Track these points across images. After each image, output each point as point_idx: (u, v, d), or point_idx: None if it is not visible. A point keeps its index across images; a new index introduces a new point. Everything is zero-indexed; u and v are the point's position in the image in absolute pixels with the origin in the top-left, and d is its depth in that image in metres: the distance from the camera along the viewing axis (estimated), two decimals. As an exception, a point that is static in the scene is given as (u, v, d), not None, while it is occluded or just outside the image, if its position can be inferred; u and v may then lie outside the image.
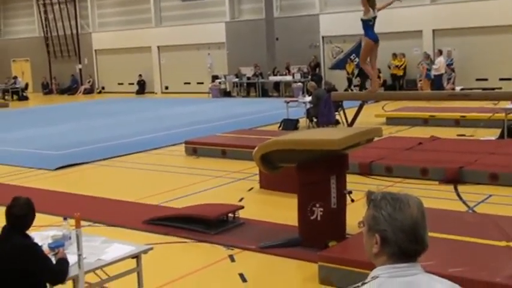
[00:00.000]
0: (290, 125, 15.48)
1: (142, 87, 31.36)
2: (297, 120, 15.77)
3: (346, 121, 14.25)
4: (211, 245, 6.89)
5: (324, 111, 14.51)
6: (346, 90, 23.61)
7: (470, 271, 4.97)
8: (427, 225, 1.99)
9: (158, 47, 31.32)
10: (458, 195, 8.57)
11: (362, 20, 10.18)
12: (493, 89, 18.74)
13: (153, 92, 31.33)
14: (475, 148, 10.88)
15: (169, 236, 7.22)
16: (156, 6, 31.12)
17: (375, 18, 10.15)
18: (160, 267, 6.14)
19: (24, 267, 3.99)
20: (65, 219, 4.80)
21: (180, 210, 8.05)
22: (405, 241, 1.94)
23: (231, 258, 6.48)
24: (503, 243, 5.62)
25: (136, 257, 4.74)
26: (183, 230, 7.30)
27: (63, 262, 4.19)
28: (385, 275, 1.96)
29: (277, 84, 26.63)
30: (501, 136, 12.54)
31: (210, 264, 6.35)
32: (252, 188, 9.53)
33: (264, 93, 26.69)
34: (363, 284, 1.96)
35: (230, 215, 7.60)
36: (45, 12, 35.08)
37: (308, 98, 16.35)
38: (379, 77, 24.29)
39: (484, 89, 19.74)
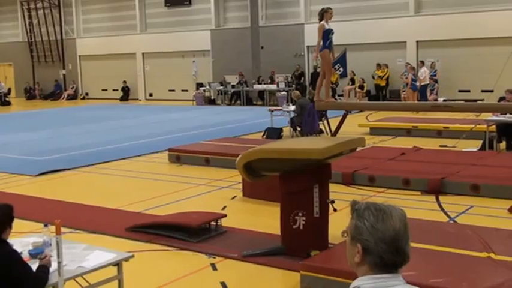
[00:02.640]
0: (274, 133, 15.50)
1: (126, 94, 31.27)
2: (281, 129, 15.80)
3: (330, 130, 14.30)
4: (193, 253, 6.86)
5: (307, 120, 14.56)
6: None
7: (450, 282, 4.99)
8: (409, 237, 2.00)
9: (143, 53, 31.27)
10: (440, 205, 8.62)
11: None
12: (475, 100, 18.90)
13: (137, 99, 31.25)
14: (457, 159, 10.96)
15: (152, 244, 7.18)
16: (141, 12, 31.09)
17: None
18: (141, 275, 6.10)
19: (3, 274, 3.95)
20: (45, 225, 4.75)
21: (162, 217, 8.01)
22: (386, 252, 1.95)
23: (213, 266, 6.46)
24: (484, 254, 5.66)
25: (118, 264, 4.70)
26: (165, 238, 7.27)
27: (44, 269, 4.14)
28: (367, 285, 1.97)
29: (261, 93, 26.69)
30: (483, 147, 12.66)
31: (192, 272, 6.32)
32: (235, 197, 9.52)
33: (249, 102, 26.73)
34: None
35: (213, 223, 7.57)
36: (30, 17, 34.92)
37: (292, 107, 16.39)
38: (362, 87, 24.51)
39: (466, 100, 19.90)
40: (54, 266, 4.19)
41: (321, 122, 15.26)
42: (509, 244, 6.13)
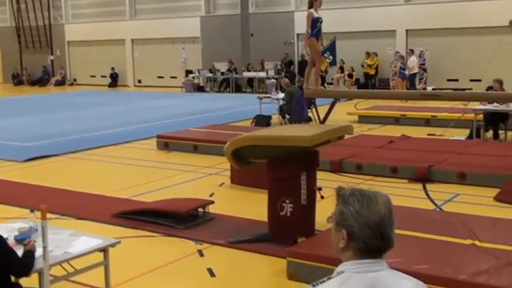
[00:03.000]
0: (263, 121, 15.49)
1: (114, 80, 31.11)
2: (270, 117, 15.80)
3: (319, 118, 14.31)
4: (180, 240, 6.87)
5: (296, 108, 14.56)
6: (319, 87, 23.67)
7: (435, 268, 5.04)
8: (394, 223, 2.02)
9: (132, 40, 31.10)
10: (427, 193, 8.67)
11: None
12: (464, 89, 18.97)
13: (126, 85, 31.11)
14: (444, 148, 11.02)
15: (138, 230, 7.18)
16: (130, -2, 30.89)
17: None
18: (128, 261, 6.10)
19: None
20: (31, 211, 4.74)
21: (149, 204, 8.01)
22: (371, 237, 1.97)
23: (200, 253, 6.47)
24: (468, 242, 5.71)
25: (104, 250, 4.70)
26: (152, 224, 7.27)
27: (30, 255, 4.13)
28: (351, 270, 1.98)
29: (251, 80, 26.65)
30: (470, 136, 12.73)
31: (179, 258, 6.33)
32: (223, 183, 9.53)
33: (238, 89, 26.68)
34: (329, 278, 1.99)
35: (200, 209, 7.58)
36: (18, 1, 34.58)
37: (281, 95, 16.38)
38: (351, 75, 24.53)
39: (454, 89, 20.00)
40: (39, 251, 4.18)
41: (309, 110, 15.27)
42: (494, 231, 6.18)
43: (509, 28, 15.88)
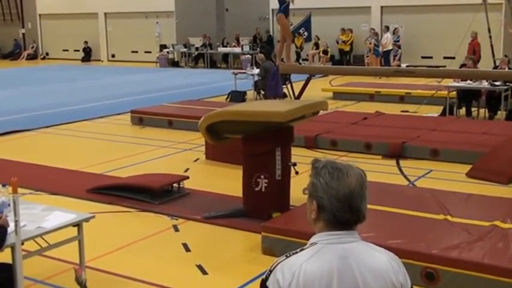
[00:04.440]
0: (238, 96, 15.45)
1: (88, 55, 30.67)
2: (245, 92, 15.75)
3: (293, 94, 14.31)
4: (155, 215, 6.86)
5: (271, 83, 14.48)
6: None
7: (408, 243, 5.11)
8: (366, 196, 2.03)
9: (105, 13, 30.61)
10: (400, 169, 8.76)
11: None
12: (438, 66, 19.08)
13: (99, 60, 30.69)
14: (417, 124, 11.10)
15: (113, 205, 7.15)
16: (103, -29, 30.35)
17: None
18: (102, 236, 6.08)
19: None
20: (3, 185, 4.68)
21: (124, 179, 7.97)
22: (340, 210, 1.98)
23: (175, 228, 6.48)
24: (441, 217, 5.79)
25: (78, 225, 4.67)
26: (126, 200, 7.24)
27: (0, 229, 4.09)
28: (323, 241, 2.00)
29: (226, 56, 26.49)
30: (443, 113, 12.85)
31: (154, 234, 6.32)
32: (197, 159, 9.51)
33: (213, 65, 26.52)
34: (302, 249, 2.00)
35: (175, 185, 7.57)
36: (-13, -27, 33.77)
37: (256, 70, 16.33)
38: (326, 52, 24.53)
39: (428, 66, 20.10)
40: (12, 226, 4.13)
41: (284, 86, 15.24)
42: (466, 207, 6.28)
43: (483, 6, 15.92)
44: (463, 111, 12.99)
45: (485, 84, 12.53)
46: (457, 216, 5.79)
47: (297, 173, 6.66)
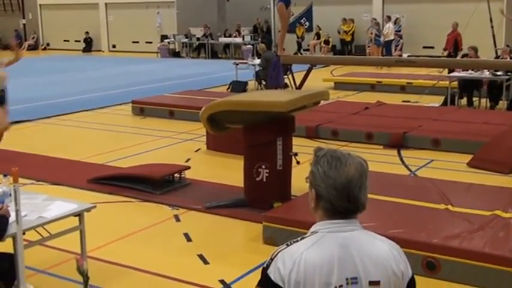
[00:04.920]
0: (239, 87, 15.42)
1: (89, 45, 30.62)
2: (246, 83, 15.73)
3: (295, 84, 14.27)
4: (156, 205, 6.87)
5: (272, 74, 14.41)
6: (295, 53, 23.60)
7: (409, 232, 5.11)
8: (366, 186, 2.02)
9: (106, 3, 30.53)
10: (402, 159, 8.76)
11: None
12: (439, 57, 19.02)
13: (100, 50, 30.64)
14: (419, 114, 11.09)
15: (114, 195, 7.16)
16: (104, -39, 30.25)
17: None
18: (104, 226, 6.09)
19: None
20: (5, 176, 4.67)
21: (125, 169, 7.97)
22: (337, 199, 1.98)
23: (176, 218, 6.48)
24: (442, 206, 5.80)
25: (79, 215, 4.68)
26: (128, 190, 7.25)
27: (2, 219, 4.09)
28: (324, 230, 2.00)
29: (227, 46, 26.43)
30: (444, 103, 12.84)
31: (155, 223, 6.33)
32: (199, 149, 9.51)
33: (214, 55, 26.47)
34: (302, 238, 2.01)
35: (176, 175, 7.57)
36: (-13, -37, 33.67)
37: (257, 61, 16.29)
38: (328, 42, 24.46)
39: (430, 56, 20.04)
40: (13, 216, 4.13)
41: (286, 76, 15.21)
42: (466, 196, 6.28)
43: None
44: (464, 101, 12.97)
45: (486, 74, 12.49)
46: (458, 205, 5.79)
47: (298, 162, 6.67)
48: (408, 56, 18.90)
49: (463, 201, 5.98)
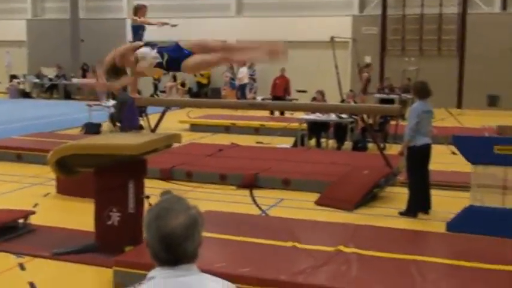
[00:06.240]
0: (92, 129, 15.11)
1: None
2: (100, 124, 15.45)
3: (150, 126, 14.26)
4: (-1, 253, 6.50)
5: (127, 115, 14.37)
6: (152, 95, 23.56)
7: (258, 270, 5.24)
8: (194, 237, 2.02)
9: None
10: (254, 199, 8.98)
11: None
12: (290, 100, 19.86)
13: None
14: (270, 155, 11.48)
15: (-48, 245, 6.69)
16: None
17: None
18: None
19: None
20: None
21: (-35, 217, 7.48)
22: (158, 249, 2.01)
23: (21, 266, 6.17)
24: (289, 244, 6.01)
25: None
26: (-33, 239, 6.80)
27: None
28: (161, 276, 2.02)
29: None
30: (295, 144, 13.39)
31: (-3, 273, 5.99)
32: (48, 194, 9.16)
33: (67, 96, 25.74)
34: (140, 284, 2.01)
35: (20, 221, 7.22)
36: None
37: (112, 102, 16.08)
38: (184, 84, 24.70)
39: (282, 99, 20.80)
40: None
41: (141, 118, 15.15)
42: (313, 233, 6.56)
43: (331, 43, 16.88)
44: (313, 142, 13.61)
45: (333, 116, 13.22)
46: (304, 242, 6.04)
47: (150, 205, 6.63)
48: (262, 99, 19.58)
49: (309, 238, 6.25)
